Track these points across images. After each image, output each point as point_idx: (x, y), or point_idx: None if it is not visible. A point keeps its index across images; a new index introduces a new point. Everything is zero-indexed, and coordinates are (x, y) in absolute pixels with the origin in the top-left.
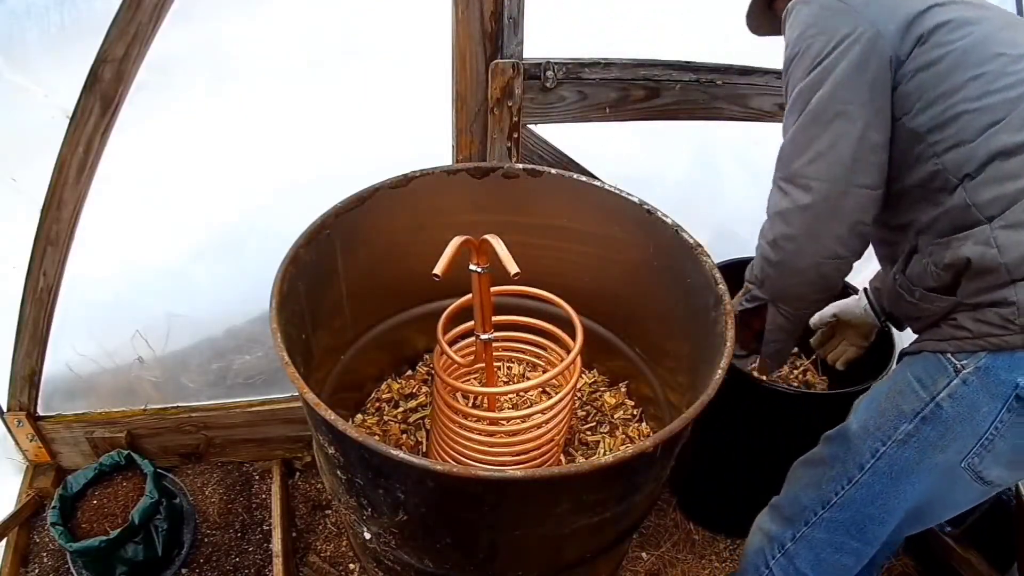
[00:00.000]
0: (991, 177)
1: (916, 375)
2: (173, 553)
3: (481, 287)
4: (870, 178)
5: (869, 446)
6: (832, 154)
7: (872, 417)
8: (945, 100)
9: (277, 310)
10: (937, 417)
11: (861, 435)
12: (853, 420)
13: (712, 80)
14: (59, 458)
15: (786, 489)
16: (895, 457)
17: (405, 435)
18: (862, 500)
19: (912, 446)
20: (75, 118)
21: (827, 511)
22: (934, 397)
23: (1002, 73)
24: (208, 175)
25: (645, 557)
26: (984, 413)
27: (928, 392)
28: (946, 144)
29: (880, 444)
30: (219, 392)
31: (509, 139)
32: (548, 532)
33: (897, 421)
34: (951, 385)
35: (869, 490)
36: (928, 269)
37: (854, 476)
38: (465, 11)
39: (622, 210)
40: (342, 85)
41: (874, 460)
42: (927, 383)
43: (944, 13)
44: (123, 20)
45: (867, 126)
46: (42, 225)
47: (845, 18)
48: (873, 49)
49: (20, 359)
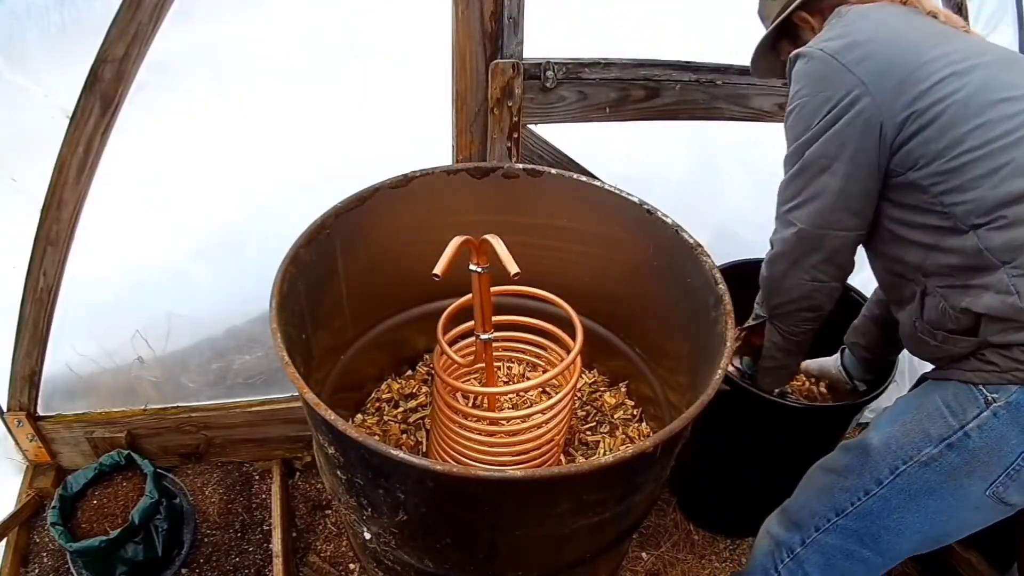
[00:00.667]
0: (1002, 223)
1: (946, 401)
2: (173, 553)
3: (481, 287)
4: (849, 223)
5: (889, 463)
6: (814, 204)
7: (896, 435)
8: (949, 152)
9: (277, 310)
10: (964, 446)
11: (882, 451)
12: (874, 435)
13: (712, 80)
14: (59, 458)
15: (798, 494)
16: (915, 477)
17: (405, 435)
18: (878, 512)
19: (934, 469)
20: (75, 118)
21: (841, 518)
22: (963, 426)
23: (1003, 118)
24: (208, 175)
25: (645, 557)
26: (1013, 445)
27: (957, 420)
28: (954, 194)
29: (901, 463)
30: (219, 392)
31: (509, 139)
32: (548, 532)
33: (922, 443)
34: (981, 416)
35: (886, 504)
36: (946, 313)
37: (871, 489)
38: (465, 11)
39: (622, 210)
40: (342, 85)
41: (893, 477)
42: (957, 411)
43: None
44: (123, 20)
45: (848, 180)
46: (42, 225)
47: (839, 79)
48: (861, 112)
49: (20, 359)
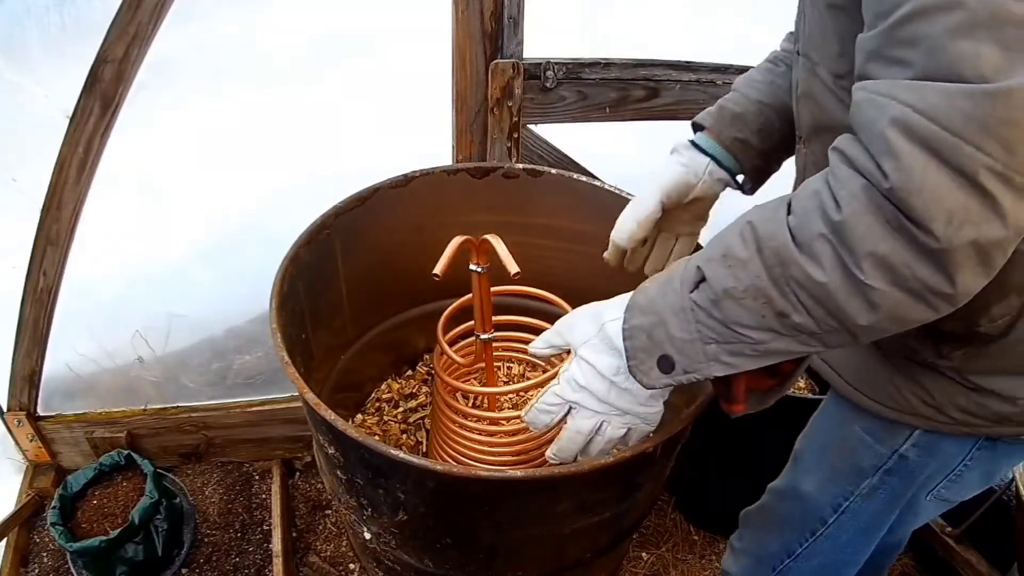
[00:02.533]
0: None
1: (868, 431)
2: (173, 553)
3: (481, 287)
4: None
5: (830, 502)
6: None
7: (827, 477)
8: None
9: (277, 310)
10: (903, 467)
11: (817, 496)
12: (802, 479)
13: (712, 80)
14: (59, 458)
15: (743, 533)
16: (861, 510)
17: (405, 435)
18: (830, 549)
19: (878, 498)
20: (75, 118)
21: (793, 560)
22: (896, 450)
23: None
24: (208, 175)
25: (645, 557)
26: (952, 453)
27: (887, 447)
28: None
29: (843, 499)
30: (219, 392)
31: (509, 139)
32: (548, 532)
33: (858, 478)
34: (913, 435)
35: (835, 541)
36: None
37: (817, 529)
38: (465, 11)
39: (622, 210)
40: (342, 85)
41: (838, 514)
42: (884, 438)
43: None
44: (123, 20)
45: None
46: (42, 225)
47: None
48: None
49: (20, 359)
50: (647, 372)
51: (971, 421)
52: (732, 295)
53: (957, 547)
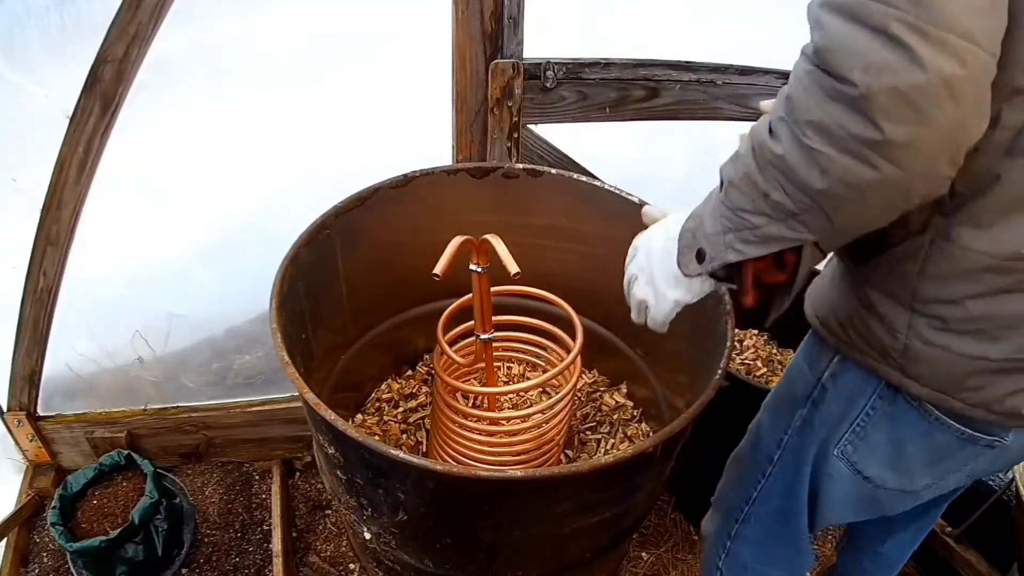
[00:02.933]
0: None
1: (806, 351)
2: (173, 553)
3: (481, 287)
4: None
5: (775, 437)
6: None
7: (773, 406)
8: None
9: (277, 310)
10: (822, 400)
11: (768, 426)
12: (761, 416)
13: (712, 80)
14: (59, 458)
15: (719, 485)
16: (796, 446)
17: (405, 435)
18: (777, 492)
19: (806, 434)
20: (75, 118)
21: (751, 506)
22: (819, 378)
23: None
24: (208, 175)
25: (645, 557)
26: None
27: (814, 373)
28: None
29: (783, 433)
30: (219, 392)
31: (509, 139)
32: (548, 532)
33: (792, 407)
34: (833, 362)
35: (782, 482)
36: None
37: (766, 469)
38: (465, 11)
39: (622, 210)
40: (342, 85)
41: (780, 451)
42: (813, 361)
43: None
44: (123, 20)
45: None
46: (42, 225)
47: None
48: None
49: (20, 359)
50: (687, 264)
51: (862, 347)
52: (734, 183)
53: (957, 547)
